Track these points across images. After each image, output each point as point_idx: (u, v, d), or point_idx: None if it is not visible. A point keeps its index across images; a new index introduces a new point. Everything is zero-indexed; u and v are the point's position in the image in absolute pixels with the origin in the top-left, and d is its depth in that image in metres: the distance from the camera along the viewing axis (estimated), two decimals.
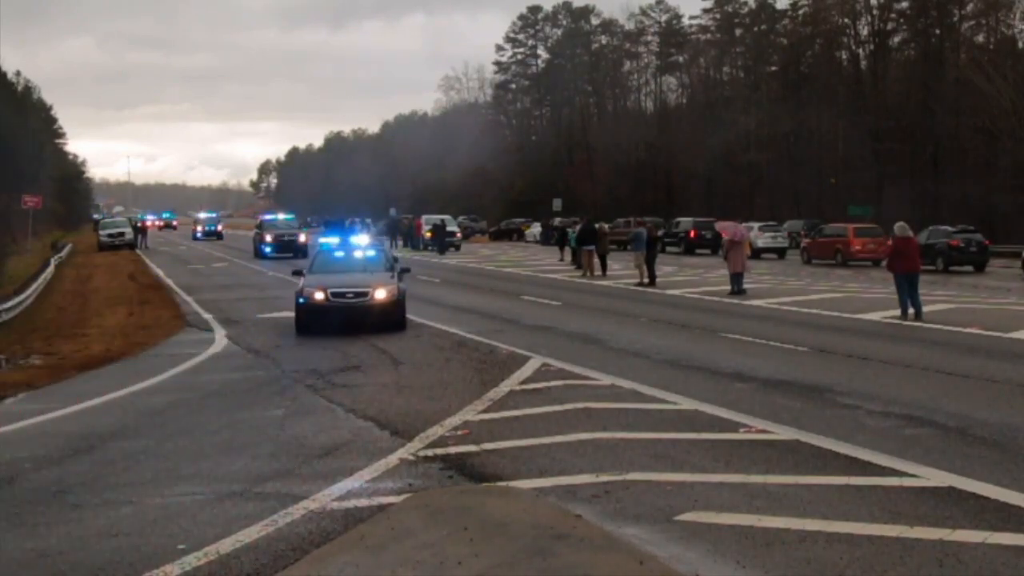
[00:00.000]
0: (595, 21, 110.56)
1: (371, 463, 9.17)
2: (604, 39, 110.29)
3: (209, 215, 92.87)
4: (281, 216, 56.45)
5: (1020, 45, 65.71)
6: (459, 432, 10.29)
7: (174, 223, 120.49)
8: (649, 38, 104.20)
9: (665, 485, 8.16)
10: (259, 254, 47.91)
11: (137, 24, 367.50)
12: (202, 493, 8.44)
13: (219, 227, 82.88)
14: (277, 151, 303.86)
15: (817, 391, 12.35)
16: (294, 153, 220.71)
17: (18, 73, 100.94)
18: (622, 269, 36.22)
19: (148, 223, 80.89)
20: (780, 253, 49.24)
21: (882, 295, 25.01)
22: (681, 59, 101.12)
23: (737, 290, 25.95)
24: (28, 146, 79.56)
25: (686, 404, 11.56)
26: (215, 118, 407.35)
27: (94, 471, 9.31)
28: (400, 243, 64.04)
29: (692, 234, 53.48)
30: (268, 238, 48.00)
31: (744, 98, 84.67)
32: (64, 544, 7.20)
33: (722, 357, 15.24)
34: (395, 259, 22.33)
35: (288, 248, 46.83)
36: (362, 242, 23.20)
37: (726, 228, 29.04)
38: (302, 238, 47.89)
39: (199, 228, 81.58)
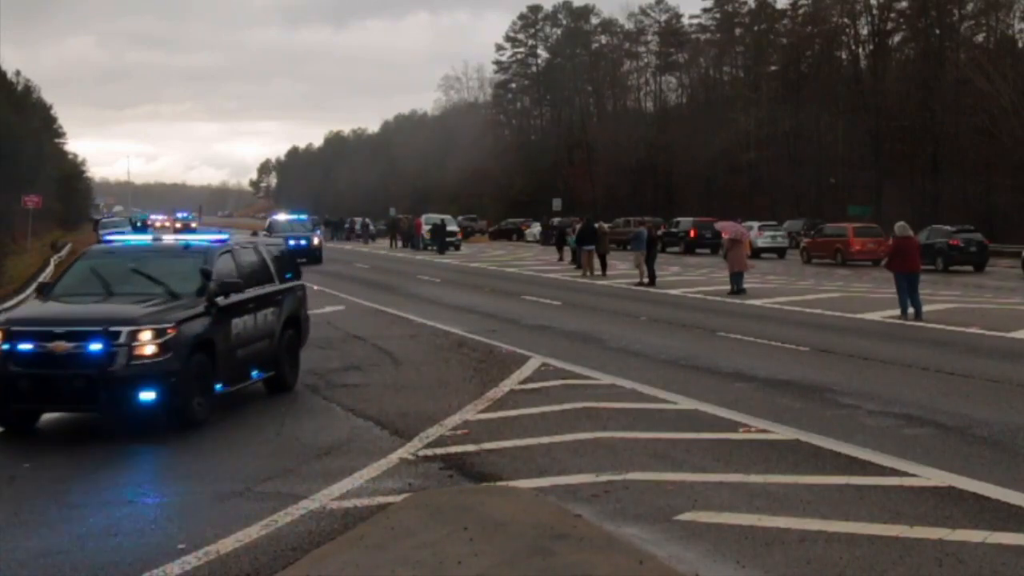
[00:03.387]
0: (595, 21, 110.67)
1: (371, 463, 9.16)
2: (604, 39, 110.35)
3: (294, 218, 51.60)
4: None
5: (1020, 45, 65.72)
6: (459, 432, 10.28)
7: (193, 224, 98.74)
8: (649, 38, 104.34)
9: (665, 485, 8.16)
10: None
11: (138, 23, 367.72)
12: (202, 493, 8.43)
13: (316, 240, 45.94)
14: (277, 151, 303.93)
15: (817, 391, 12.35)
16: (294, 153, 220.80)
17: (18, 73, 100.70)
18: (627, 269, 36.20)
19: (156, 223, 75.96)
20: (780, 253, 49.23)
21: (882, 295, 25.00)
22: (681, 59, 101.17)
23: (737, 290, 25.94)
24: (28, 146, 79.43)
25: (686, 404, 11.55)
26: (216, 117, 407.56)
27: (93, 471, 9.30)
28: (400, 243, 64.04)
29: (692, 234, 53.46)
30: None
31: (744, 98, 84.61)
32: (64, 544, 7.19)
33: (722, 357, 15.23)
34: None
35: None
36: None
37: (726, 228, 29.07)
38: None
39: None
